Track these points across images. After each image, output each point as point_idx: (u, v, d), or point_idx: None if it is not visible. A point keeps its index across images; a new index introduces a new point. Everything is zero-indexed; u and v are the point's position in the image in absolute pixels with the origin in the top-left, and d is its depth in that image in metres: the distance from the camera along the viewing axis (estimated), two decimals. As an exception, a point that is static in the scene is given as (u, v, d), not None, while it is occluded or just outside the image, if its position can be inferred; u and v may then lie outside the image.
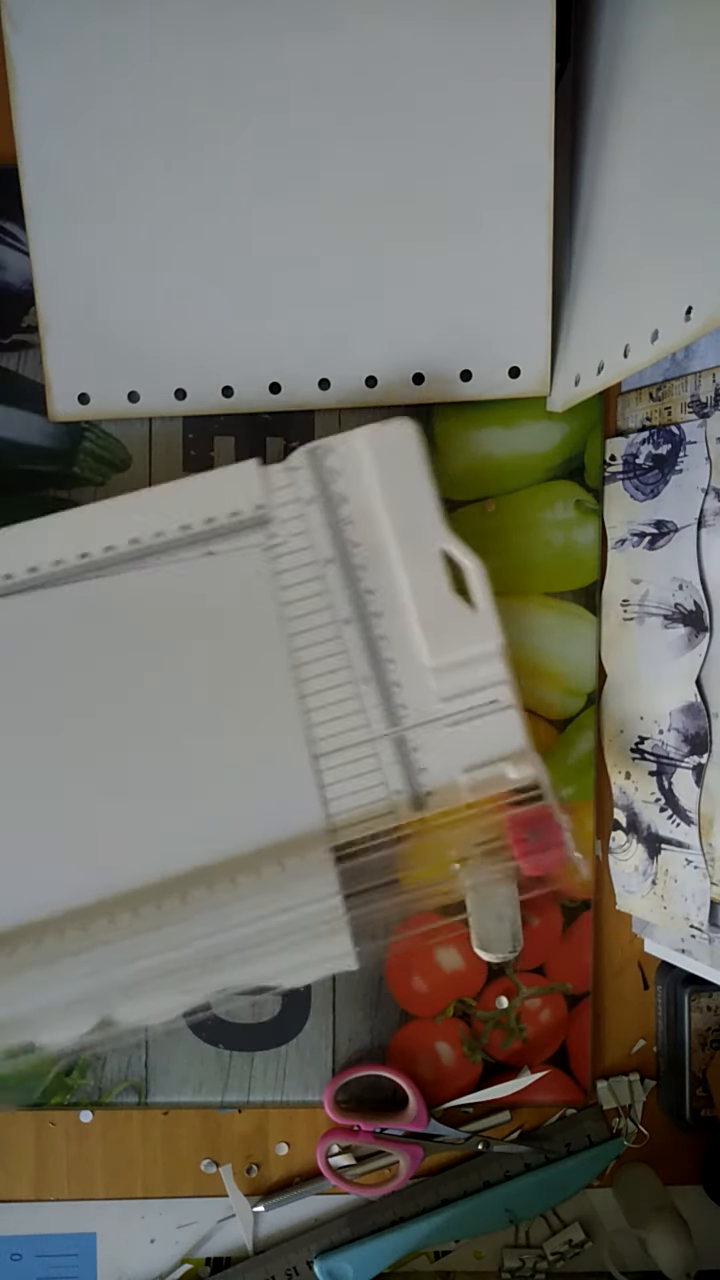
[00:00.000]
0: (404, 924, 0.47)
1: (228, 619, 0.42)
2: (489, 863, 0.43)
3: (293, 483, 0.42)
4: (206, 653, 0.42)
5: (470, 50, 0.41)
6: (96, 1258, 0.49)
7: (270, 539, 0.42)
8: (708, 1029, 0.47)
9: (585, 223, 0.43)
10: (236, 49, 0.41)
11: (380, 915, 0.43)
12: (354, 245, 0.43)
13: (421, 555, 0.42)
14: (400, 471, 0.42)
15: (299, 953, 0.41)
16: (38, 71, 0.41)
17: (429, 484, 0.42)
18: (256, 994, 0.47)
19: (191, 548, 0.42)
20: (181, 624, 0.42)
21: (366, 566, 0.42)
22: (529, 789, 0.42)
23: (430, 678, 0.42)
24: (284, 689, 0.42)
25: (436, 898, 0.44)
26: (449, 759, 0.42)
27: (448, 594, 0.42)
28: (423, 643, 0.42)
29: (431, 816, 0.43)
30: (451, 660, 0.42)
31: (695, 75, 0.35)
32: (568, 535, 0.47)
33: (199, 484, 0.42)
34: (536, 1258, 0.49)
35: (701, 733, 0.43)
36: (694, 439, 0.43)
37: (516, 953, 0.45)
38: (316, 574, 0.42)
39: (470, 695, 0.42)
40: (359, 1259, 0.48)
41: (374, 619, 0.42)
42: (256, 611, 0.42)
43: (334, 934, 0.42)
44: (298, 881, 0.42)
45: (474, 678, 0.42)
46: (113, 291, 0.43)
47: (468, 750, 0.42)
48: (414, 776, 0.43)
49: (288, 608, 0.42)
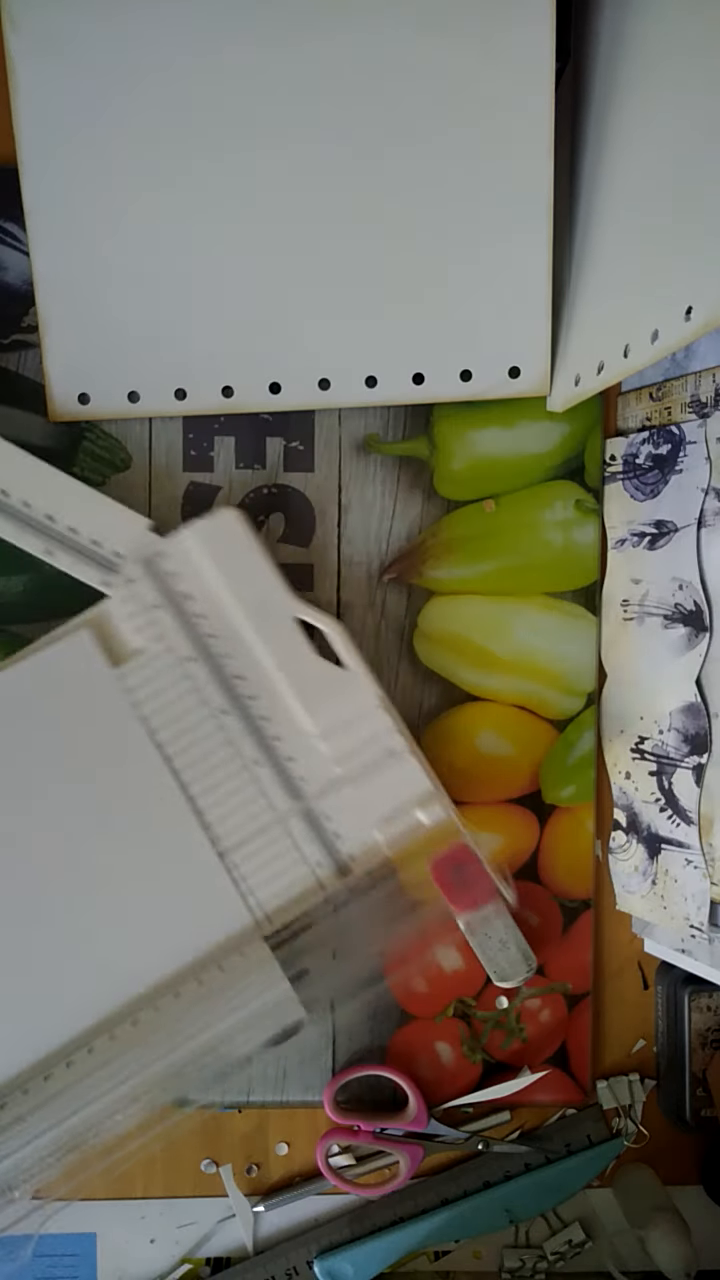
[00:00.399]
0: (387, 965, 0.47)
1: (86, 734, 0.42)
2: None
3: (134, 595, 0.42)
4: (81, 776, 0.42)
5: (470, 51, 0.41)
6: (96, 1258, 0.49)
7: (130, 667, 0.42)
8: (708, 1029, 0.47)
9: (585, 222, 0.43)
10: (237, 49, 0.41)
11: (347, 973, 0.44)
12: (354, 245, 0.43)
13: (279, 630, 0.43)
14: (235, 558, 0.43)
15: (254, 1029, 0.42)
16: (38, 71, 0.41)
17: (266, 561, 0.43)
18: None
19: (42, 537, 0.42)
20: (39, 748, 0.42)
21: (229, 654, 0.43)
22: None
23: (320, 744, 0.43)
24: (172, 796, 0.42)
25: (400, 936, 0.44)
26: (361, 819, 0.43)
27: (314, 660, 0.43)
28: (302, 713, 0.43)
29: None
30: (334, 722, 0.42)
31: (695, 74, 0.35)
32: (568, 535, 0.47)
33: (91, 502, 0.43)
34: (536, 1258, 0.49)
35: (701, 733, 0.43)
36: (694, 439, 0.43)
37: (533, 971, 0.45)
38: (183, 674, 0.43)
39: (363, 751, 0.43)
40: (359, 1259, 0.48)
41: (249, 702, 0.43)
42: (120, 724, 0.42)
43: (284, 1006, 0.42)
44: (243, 978, 0.42)
45: (361, 733, 0.43)
46: (112, 291, 0.43)
47: (377, 805, 0.43)
48: (331, 845, 0.43)
49: (159, 714, 0.42)
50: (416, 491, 0.46)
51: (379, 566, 0.47)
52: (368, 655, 0.47)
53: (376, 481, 0.46)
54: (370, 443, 0.46)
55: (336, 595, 0.47)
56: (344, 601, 0.47)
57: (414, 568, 0.47)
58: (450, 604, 0.47)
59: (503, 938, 0.45)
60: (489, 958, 0.45)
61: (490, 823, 0.47)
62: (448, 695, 0.47)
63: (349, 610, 0.47)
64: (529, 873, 0.48)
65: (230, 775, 0.43)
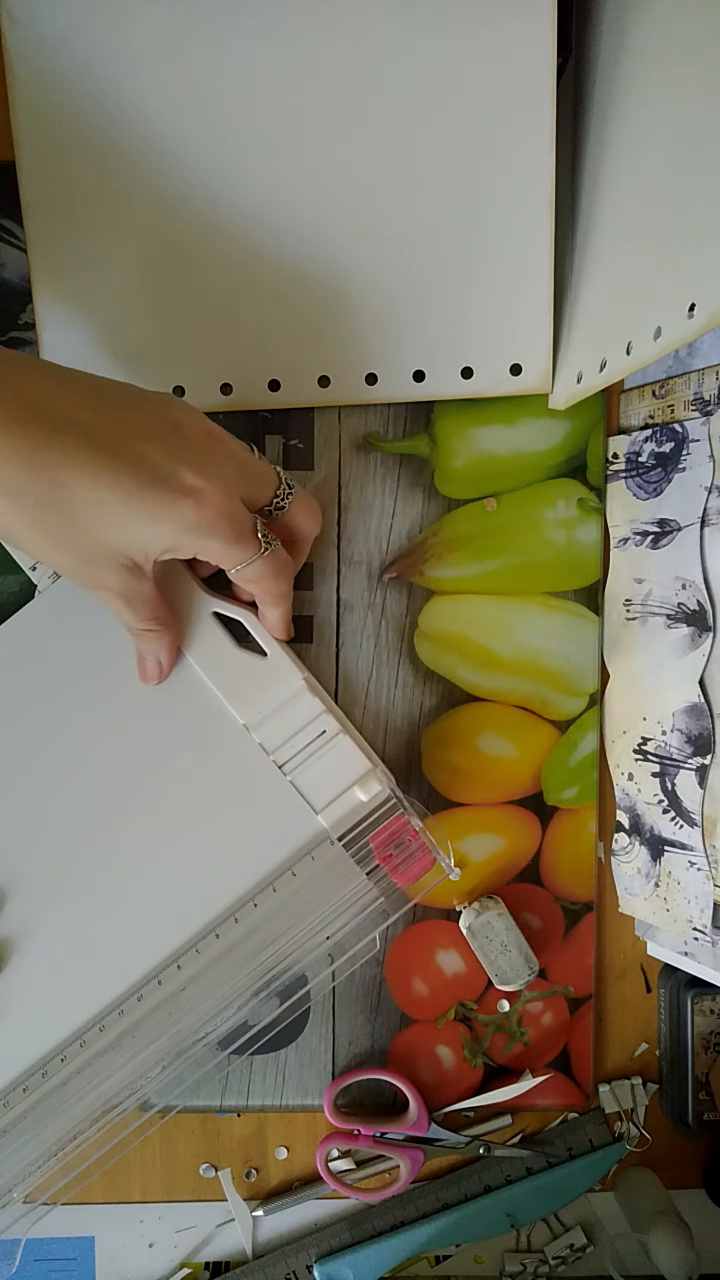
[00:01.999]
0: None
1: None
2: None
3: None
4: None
5: (471, 47, 0.40)
6: (95, 1262, 0.49)
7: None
8: (710, 1032, 0.47)
9: (587, 218, 0.43)
10: (235, 46, 0.41)
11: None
12: (354, 241, 0.42)
13: (197, 628, 0.43)
14: None
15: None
16: (35, 67, 0.41)
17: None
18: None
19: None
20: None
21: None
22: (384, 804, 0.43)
23: (253, 734, 0.42)
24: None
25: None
26: (305, 803, 0.43)
27: (235, 652, 0.43)
28: (228, 707, 0.42)
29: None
30: (262, 711, 0.42)
31: (697, 68, 0.35)
32: (570, 534, 0.46)
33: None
34: (538, 1262, 0.49)
35: (705, 733, 0.43)
36: (697, 437, 0.43)
37: (534, 974, 0.45)
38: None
39: (296, 737, 0.42)
40: (359, 1263, 0.48)
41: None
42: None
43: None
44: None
45: (292, 719, 0.42)
46: (110, 288, 0.43)
47: (319, 789, 0.43)
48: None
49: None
50: (417, 490, 0.46)
51: (379, 566, 0.46)
52: (368, 655, 0.46)
53: (377, 480, 0.46)
54: (370, 441, 0.46)
55: (336, 595, 0.46)
56: (344, 601, 0.46)
57: (415, 567, 0.46)
58: (451, 603, 0.46)
59: (504, 941, 0.45)
60: (490, 961, 0.45)
61: (492, 824, 0.47)
62: (448, 695, 0.47)
63: (349, 610, 0.46)
64: (530, 875, 0.47)
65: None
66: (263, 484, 0.39)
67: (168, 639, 0.41)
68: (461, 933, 0.47)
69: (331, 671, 0.46)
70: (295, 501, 0.41)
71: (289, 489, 0.41)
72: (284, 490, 0.40)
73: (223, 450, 0.37)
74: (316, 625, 0.46)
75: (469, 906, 0.46)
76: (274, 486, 0.40)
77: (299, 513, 0.41)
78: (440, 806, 0.47)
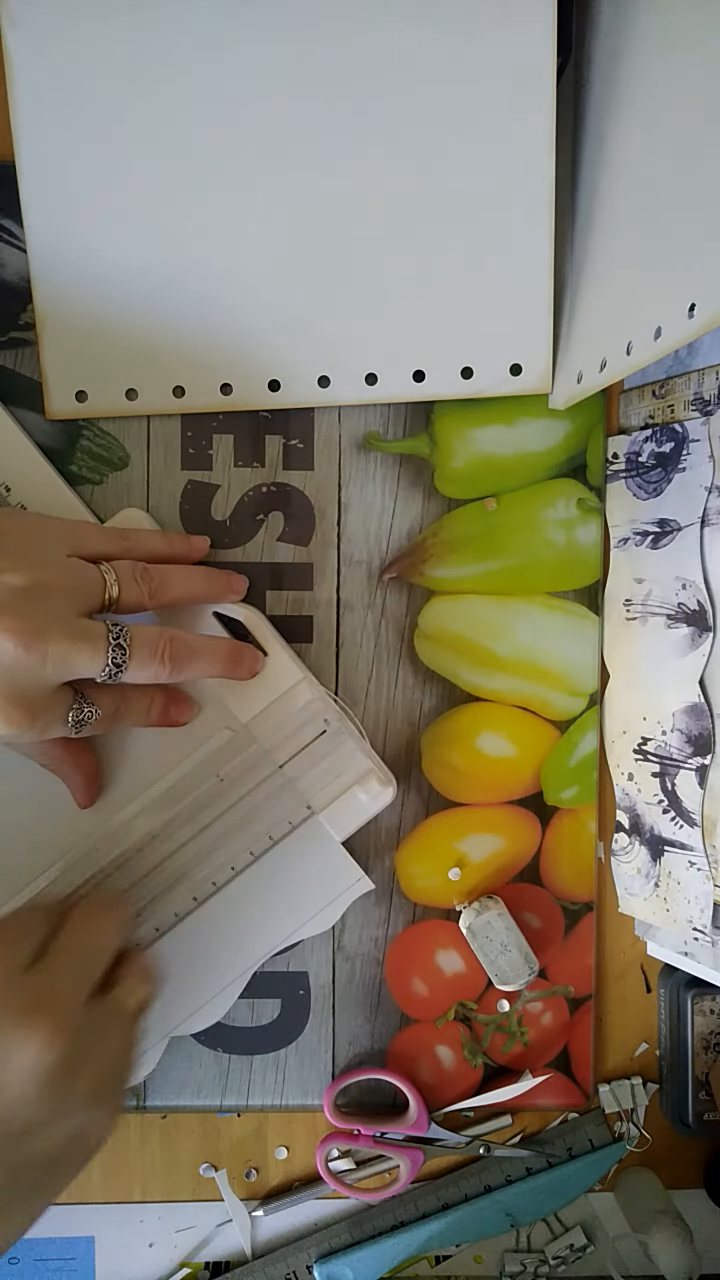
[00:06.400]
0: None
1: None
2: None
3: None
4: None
5: (471, 48, 0.40)
6: (95, 1262, 0.49)
7: None
8: (710, 1032, 0.47)
9: (587, 218, 0.43)
10: (236, 47, 0.41)
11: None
12: (354, 241, 0.42)
13: (197, 627, 0.43)
14: None
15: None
16: (35, 66, 0.41)
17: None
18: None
19: None
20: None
21: None
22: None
23: (255, 731, 0.43)
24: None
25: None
26: (308, 801, 0.43)
27: None
28: (229, 707, 0.43)
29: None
30: (260, 707, 0.43)
31: (697, 67, 0.35)
32: (570, 534, 0.46)
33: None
34: (538, 1262, 0.49)
35: (705, 733, 0.43)
36: (697, 437, 0.43)
37: (534, 974, 0.45)
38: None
39: (299, 733, 0.43)
40: (359, 1264, 0.48)
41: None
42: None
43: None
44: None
45: (293, 715, 0.43)
46: (110, 288, 0.43)
47: (320, 788, 0.43)
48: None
49: None
50: (417, 490, 0.46)
51: (379, 565, 0.46)
52: (367, 655, 0.46)
53: (377, 480, 0.46)
54: (370, 440, 0.46)
55: (336, 595, 0.46)
56: (344, 601, 0.46)
57: (414, 567, 0.46)
58: (451, 603, 0.46)
59: (504, 941, 0.45)
60: (490, 961, 0.45)
61: (491, 824, 0.47)
62: (448, 695, 0.47)
63: (349, 610, 0.46)
64: (530, 875, 0.47)
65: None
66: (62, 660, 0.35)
67: (83, 762, 0.42)
68: (461, 933, 0.47)
69: (331, 671, 0.46)
70: (134, 658, 0.37)
71: (123, 648, 0.37)
72: (113, 654, 0.37)
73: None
74: (316, 625, 0.46)
75: (469, 906, 0.46)
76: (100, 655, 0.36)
77: (140, 671, 0.38)
78: (440, 806, 0.47)
